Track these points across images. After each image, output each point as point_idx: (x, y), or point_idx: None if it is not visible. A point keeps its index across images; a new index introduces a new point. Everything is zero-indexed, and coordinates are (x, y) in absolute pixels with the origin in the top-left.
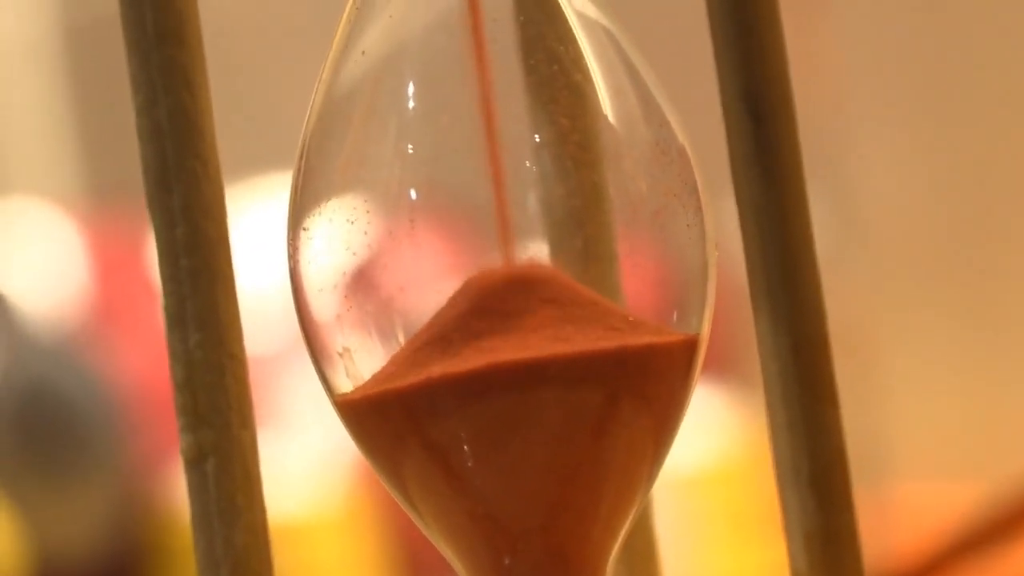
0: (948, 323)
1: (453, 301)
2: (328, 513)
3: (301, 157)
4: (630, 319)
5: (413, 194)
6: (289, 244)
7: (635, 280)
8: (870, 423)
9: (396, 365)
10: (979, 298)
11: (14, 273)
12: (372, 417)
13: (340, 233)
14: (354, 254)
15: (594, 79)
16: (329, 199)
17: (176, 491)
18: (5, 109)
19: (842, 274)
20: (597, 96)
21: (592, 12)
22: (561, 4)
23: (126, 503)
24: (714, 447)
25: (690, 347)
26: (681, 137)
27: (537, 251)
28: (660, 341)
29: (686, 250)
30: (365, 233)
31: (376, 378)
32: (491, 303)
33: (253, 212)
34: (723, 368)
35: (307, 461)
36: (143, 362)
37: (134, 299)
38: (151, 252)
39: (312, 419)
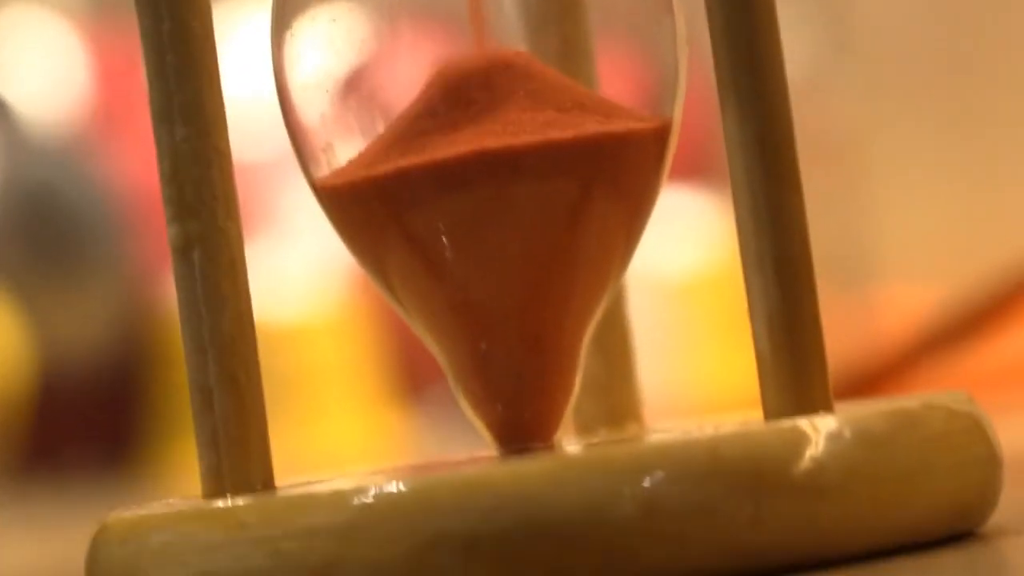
0: (935, 130)
1: (428, 88)
2: (324, 317)
3: None
4: (605, 102)
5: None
6: (273, 44)
7: (610, 78)
8: (856, 227)
9: (374, 152)
10: (965, 105)
11: (17, 80)
12: (351, 205)
13: (322, 32)
14: (336, 52)
15: None
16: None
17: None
18: None
19: (832, 86)
20: None
21: None
22: None
23: (128, 305)
24: (696, 254)
25: (663, 134)
26: None
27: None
28: (636, 127)
29: (659, 47)
30: (347, 31)
31: (353, 163)
32: (466, 91)
33: (242, 24)
34: (704, 174)
35: (304, 267)
36: (144, 167)
37: (135, 106)
38: None
39: (309, 226)
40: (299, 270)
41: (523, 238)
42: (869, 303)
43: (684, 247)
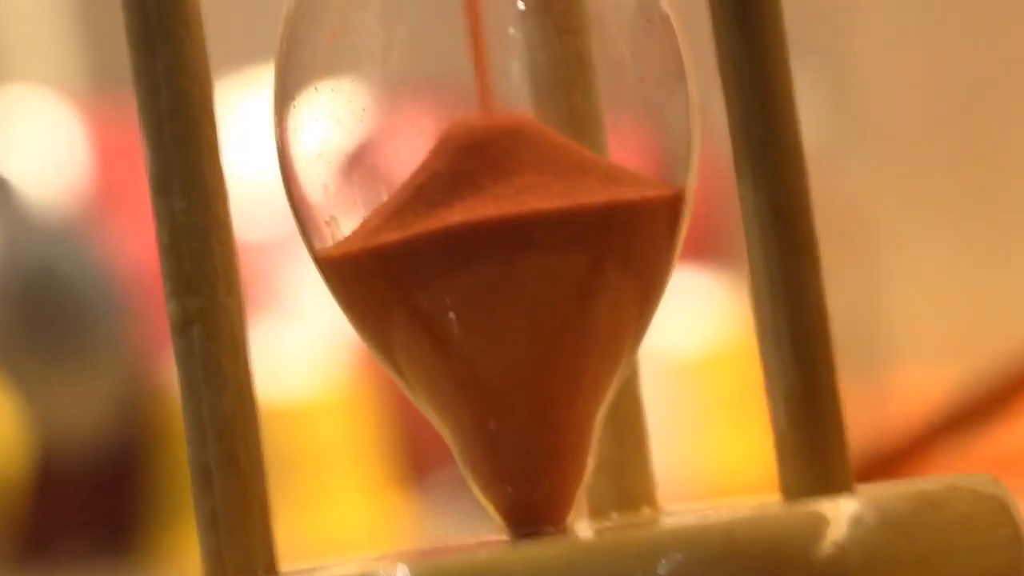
0: (945, 209)
1: (434, 154)
2: (329, 396)
3: (286, 27)
4: (616, 169)
5: (398, 62)
6: (275, 115)
7: (621, 148)
8: (867, 308)
9: (376, 221)
10: (976, 184)
11: (17, 159)
12: (352, 276)
13: (325, 103)
14: (339, 123)
15: None
16: (315, 69)
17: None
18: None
19: (840, 161)
20: None
21: None
22: None
23: (128, 387)
24: (707, 332)
25: (677, 202)
26: (665, 4)
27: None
28: (650, 195)
29: (671, 117)
30: (350, 102)
31: (355, 233)
32: (472, 156)
33: (246, 103)
34: (715, 253)
35: (308, 345)
36: (145, 246)
37: (136, 185)
38: None
39: (313, 304)
40: (302, 348)
41: (532, 310)
42: (882, 384)
43: (692, 326)
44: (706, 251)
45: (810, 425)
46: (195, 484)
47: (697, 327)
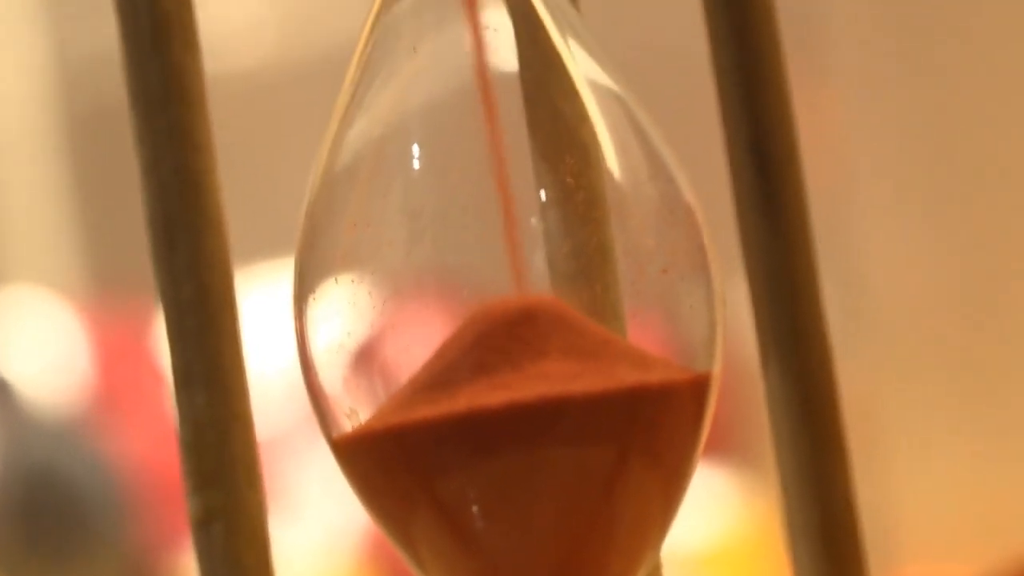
0: (955, 405)
1: (458, 335)
2: None
3: (306, 220)
4: (641, 352)
5: (419, 256)
6: (295, 307)
7: (643, 338)
8: (877, 504)
9: (398, 401)
10: (986, 380)
11: (17, 359)
12: (369, 458)
13: (346, 295)
14: (360, 314)
15: (600, 136)
16: (335, 260)
17: (180, 573)
18: (8, 197)
19: (847, 349)
20: (603, 153)
21: (597, 70)
22: (565, 61)
23: None
24: (721, 528)
25: (702, 387)
26: (688, 194)
27: None
28: (676, 378)
29: (694, 308)
30: (370, 293)
31: (375, 417)
32: (496, 338)
33: (259, 297)
34: (730, 449)
35: (317, 539)
36: (146, 446)
37: (136, 384)
38: (153, 338)
39: (321, 498)
40: (311, 542)
41: (558, 500)
42: None
43: (709, 521)
44: (717, 447)
45: None
46: None
47: (710, 523)
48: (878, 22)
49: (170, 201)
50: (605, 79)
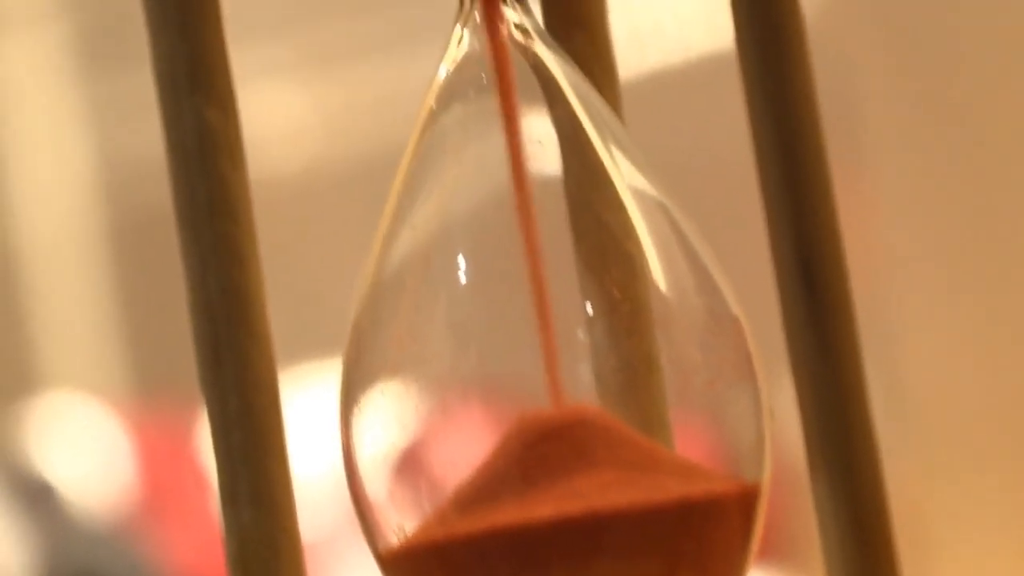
0: (1004, 502)
1: (502, 447)
2: None
3: (354, 332)
4: (687, 463)
5: (466, 368)
6: (341, 420)
7: (689, 451)
8: None
9: (441, 515)
10: None
11: (61, 465)
12: (416, 572)
13: (393, 408)
14: (407, 429)
15: (645, 248)
16: (381, 374)
17: None
18: (52, 301)
19: (894, 452)
20: (648, 265)
21: (641, 181)
22: (610, 172)
23: None
24: None
25: (751, 499)
26: (734, 306)
27: None
28: (725, 490)
29: (741, 421)
30: (417, 408)
31: (421, 529)
32: (541, 450)
33: (303, 399)
34: (779, 555)
35: None
36: (190, 551)
37: (180, 489)
38: (196, 443)
39: None
40: None
41: None
42: None
43: None
44: (764, 553)
45: None
46: None
47: None
48: (916, 110)
49: (217, 317)
50: (650, 189)
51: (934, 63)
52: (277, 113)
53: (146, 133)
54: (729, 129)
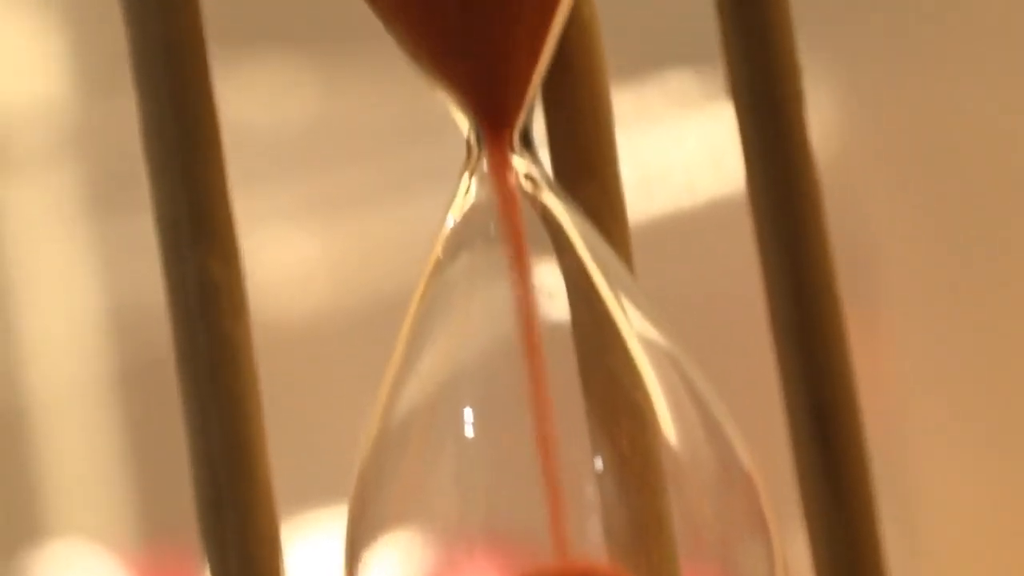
0: None
1: None
2: None
3: (358, 484)
4: None
5: (472, 523)
6: (346, 570)
7: None
8: None
9: None
10: None
11: None
12: None
13: (398, 562)
14: None
15: (655, 399)
16: (387, 527)
17: None
18: (55, 449)
19: None
20: (658, 417)
21: (651, 331)
22: (619, 323)
23: None
24: None
25: None
26: (746, 458)
27: None
28: None
29: (752, 573)
30: (423, 562)
31: None
32: None
33: (307, 547)
34: None
35: None
36: None
37: None
38: None
39: None
40: None
41: None
42: None
43: None
44: None
45: None
46: None
47: None
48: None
49: (218, 468)
50: (660, 340)
51: (947, 202)
52: (282, 258)
53: (153, 276)
54: (738, 274)
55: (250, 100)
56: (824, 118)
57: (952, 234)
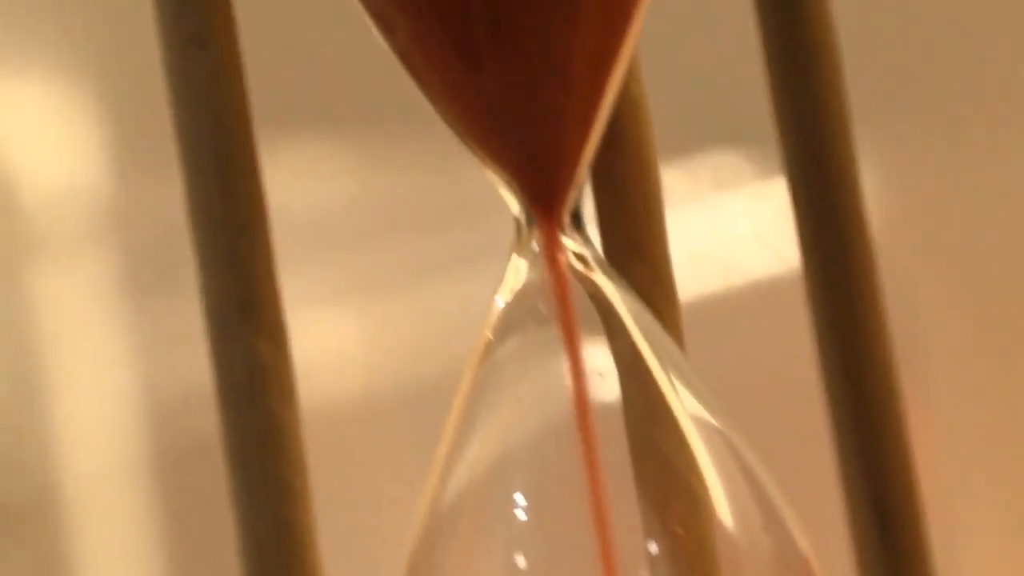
0: None
1: None
2: None
3: (408, 570)
4: None
5: None
6: None
7: None
8: None
9: None
10: None
11: None
12: None
13: None
14: None
15: (709, 482)
16: None
17: None
18: (93, 530)
19: None
20: (712, 500)
21: (704, 413)
22: (672, 405)
23: None
24: None
25: None
26: (803, 543)
27: None
28: None
29: None
30: None
31: None
32: None
33: None
34: None
35: None
36: None
37: None
38: None
39: None
40: None
41: None
42: None
43: None
44: None
45: None
46: None
47: None
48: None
49: (267, 559)
50: (713, 421)
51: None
52: (326, 340)
53: (192, 361)
54: (790, 354)
55: (293, 180)
56: (873, 201)
57: (1004, 319)
